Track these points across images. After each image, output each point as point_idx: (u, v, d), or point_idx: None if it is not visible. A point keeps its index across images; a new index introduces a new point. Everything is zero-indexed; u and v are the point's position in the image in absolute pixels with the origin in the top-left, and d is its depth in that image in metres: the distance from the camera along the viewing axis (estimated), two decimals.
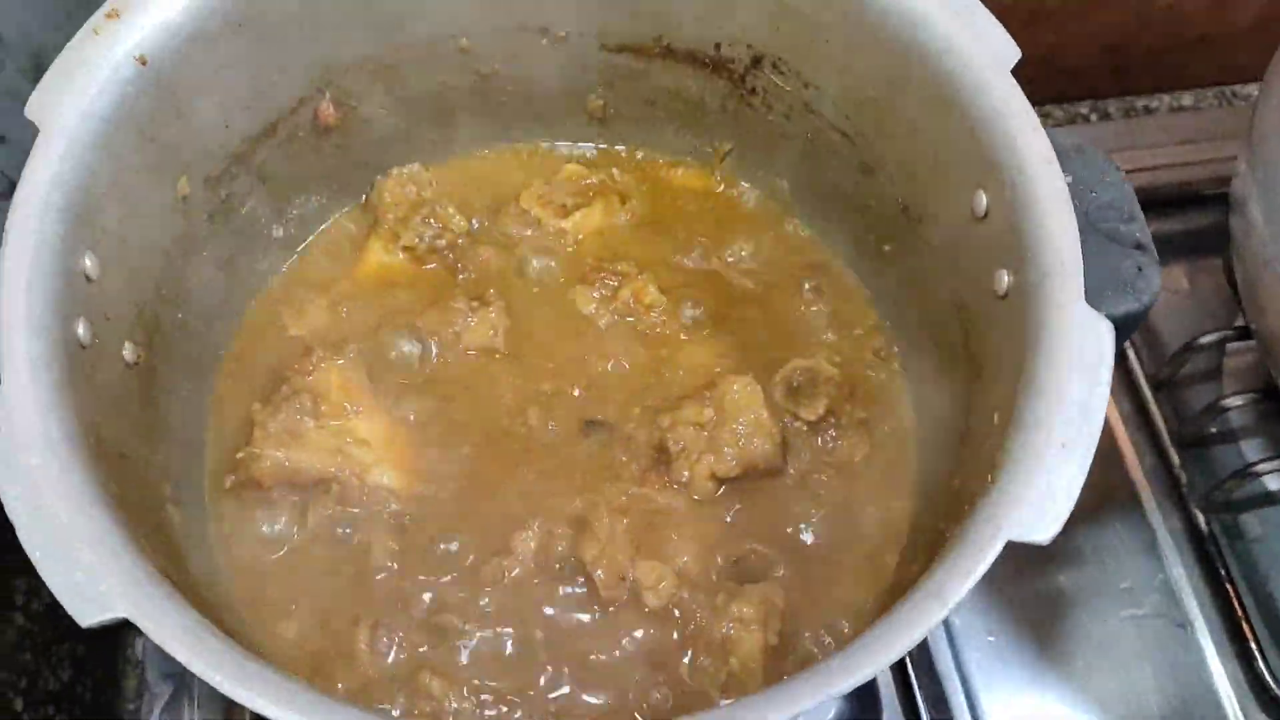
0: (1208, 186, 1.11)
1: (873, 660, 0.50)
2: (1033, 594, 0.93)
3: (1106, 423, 0.99)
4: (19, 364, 0.56)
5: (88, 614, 0.51)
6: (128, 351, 0.68)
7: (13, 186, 0.99)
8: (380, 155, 0.87)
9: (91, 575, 0.51)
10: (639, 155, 0.92)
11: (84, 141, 0.63)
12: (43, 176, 0.61)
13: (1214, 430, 1.00)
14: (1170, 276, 1.08)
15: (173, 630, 0.51)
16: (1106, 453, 0.99)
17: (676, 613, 0.73)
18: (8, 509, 0.53)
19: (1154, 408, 1.00)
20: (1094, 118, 1.31)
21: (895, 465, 0.79)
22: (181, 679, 0.89)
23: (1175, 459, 0.98)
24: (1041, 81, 0.69)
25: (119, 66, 0.65)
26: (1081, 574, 0.93)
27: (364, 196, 0.88)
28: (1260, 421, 0.99)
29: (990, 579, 0.90)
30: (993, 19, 0.66)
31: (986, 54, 0.65)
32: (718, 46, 0.81)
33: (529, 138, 0.91)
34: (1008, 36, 0.65)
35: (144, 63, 0.65)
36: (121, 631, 1.09)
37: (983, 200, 0.67)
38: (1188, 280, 1.08)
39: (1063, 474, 0.54)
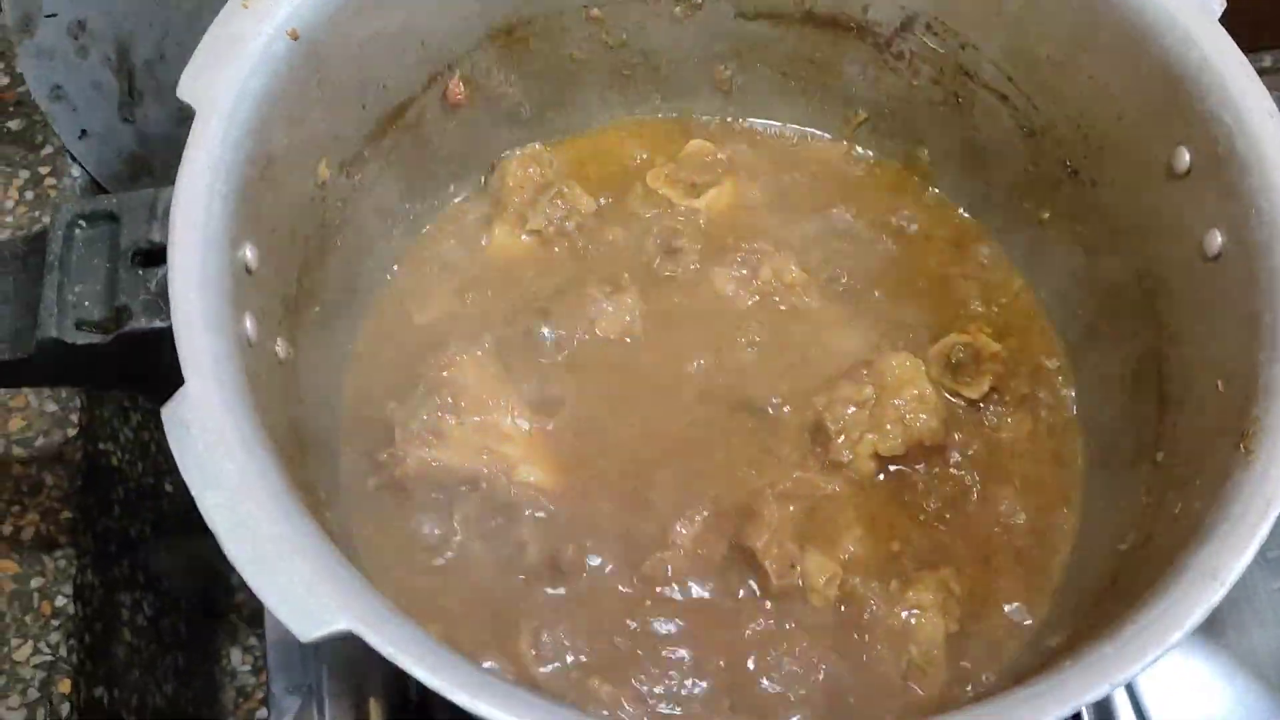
0: None
1: (1157, 643, 0.47)
2: None
3: None
4: (203, 361, 0.52)
5: (309, 629, 0.47)
6: (280, 348, 0.64)
7: (95, 185, 0.96)
8: (501, 136, 0.84)
9: (310, 587, 0.47)
10: (767, 128, 0.88)
11: (240, 123, 0.59)
12: (204, 161, 0.56)
13: None
14: None
15: (401, 642, 0.47)
16: None
17: (847, 605, 0.70)
18: (208, 518, 0.49)
19: None
20: None
21: (1062, 439, 0.76)
22: (309, 691, 0.84)
23: None
24: None
25: (271, 42, 0.61)
26: None
27: (483, 179, 0.84)
28: None
29: None
30: None
31: (1191, 3, 0.62)
32: (865, 9, 0.77)
33: (651, 112, 0.87)
34: None
35: (295, 37, 0.62)
36: (215, 642, 1.06)
37: (1185, 157, 0.63)
38: None
39: None
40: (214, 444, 0.50)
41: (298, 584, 0.47)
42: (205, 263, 0.55)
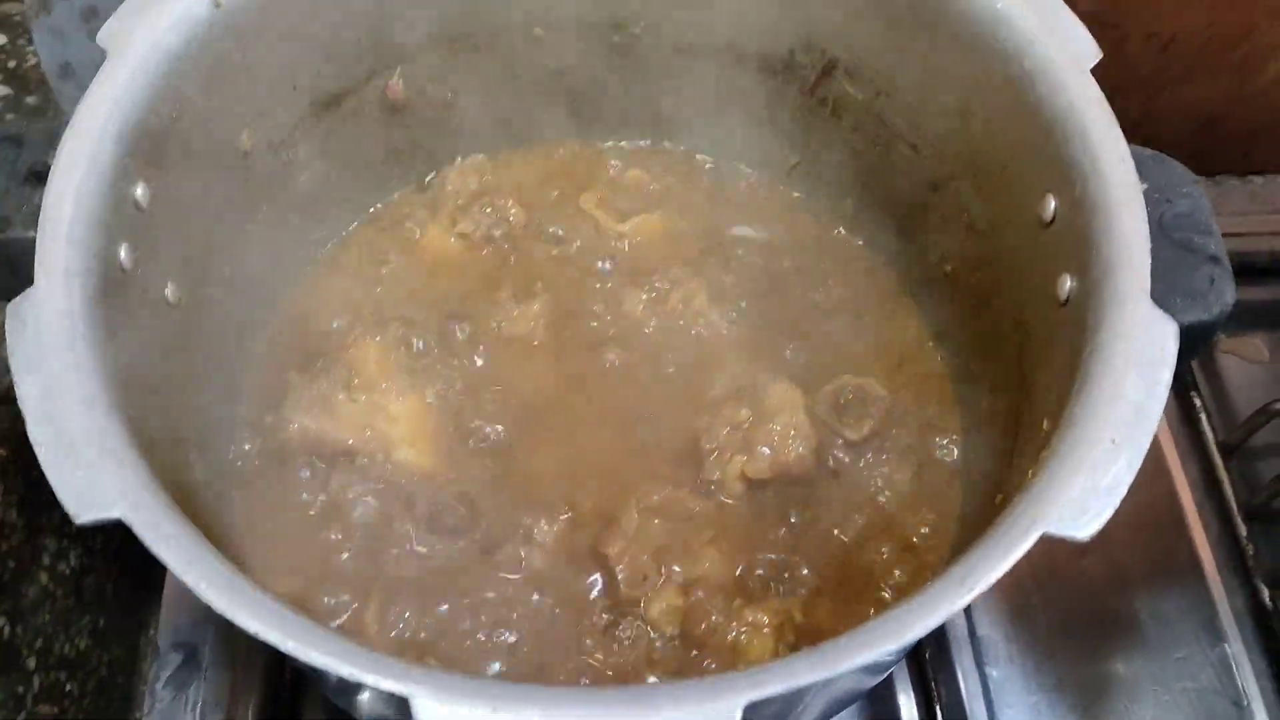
0: None
1: (885, 638, 0.47)
2: (1081, 655, 0.87)
3: (1172, 489, 0.95)
4: (55, 269, 0.56)
5: (84, 512, 0.49)
6: (170, 291, 0.68)
7: None
8: (446, 143, 0.87)
9: (93, 473, 0.50)
10: (705, 164, 0.91)
11: (150, 73, 0.63)
12: (105, 96, 0.61)
13: None
14: (1251, 346, 1.04)
15: (167, 538, 0.49)
16: (1170, 519, 0.94)
17: (686, 618, 0.70)
18: (20, 400, 0.52)
19: (1224, 475, 0.94)
20: None
21: (937, 492, 0.76)
22: (193, 651, 0.86)
23: (1243, 530, 0.92)
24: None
25: (193, 4, 0.65)
26: (1135, 640, 0.88)
27: (426, 181, 0.88)
28: None
29: (1035, 634, 0.87)
30: (1075, 19, 0.64)
31: (1067, 53, 0.63)
32: (791, 52, 0.80)
33: (595, 139, 0.91)
34: (1090, 36, 0.63)
35: (218, 5, 0.66)
36: (144, 613, 1.08)
37: (1051, 205, 0.64)
38: (1269, 350, 1.03)
39: (1109, 471, 0.51)
40: (44, 339, 0.54)
41: (82, 471, 0.50)
42: (84, 185, 0.59)
